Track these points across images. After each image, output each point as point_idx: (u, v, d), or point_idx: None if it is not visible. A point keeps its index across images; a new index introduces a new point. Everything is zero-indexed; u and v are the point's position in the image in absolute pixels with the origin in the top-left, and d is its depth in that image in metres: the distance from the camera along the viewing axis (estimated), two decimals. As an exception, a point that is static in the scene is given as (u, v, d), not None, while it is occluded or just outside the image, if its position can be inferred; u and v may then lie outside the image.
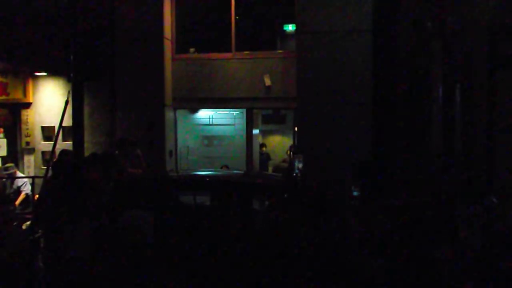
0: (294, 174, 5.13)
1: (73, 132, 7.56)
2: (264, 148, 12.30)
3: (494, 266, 4.34)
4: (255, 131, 10.82)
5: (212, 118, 10.80)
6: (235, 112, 10.62)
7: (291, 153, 9.21)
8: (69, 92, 6.39)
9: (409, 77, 8.67)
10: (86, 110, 8.88)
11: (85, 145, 8.31)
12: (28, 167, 10.24)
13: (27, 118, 10.27)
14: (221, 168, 9.44)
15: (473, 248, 4.45)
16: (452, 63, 8.32)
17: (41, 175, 9.07)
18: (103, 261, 2.88)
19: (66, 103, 7.14)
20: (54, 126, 10.02)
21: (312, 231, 3.15)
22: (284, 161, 11.80)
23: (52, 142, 9.21)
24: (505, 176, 7.77)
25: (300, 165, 7.08)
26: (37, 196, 7.78)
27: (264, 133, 13.59)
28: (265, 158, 12.08)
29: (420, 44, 8.48)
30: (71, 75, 7.22)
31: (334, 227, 3.38)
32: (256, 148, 10.90)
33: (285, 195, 3.76)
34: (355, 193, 4.74)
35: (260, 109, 10.81)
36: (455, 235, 4.54)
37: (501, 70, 8.14)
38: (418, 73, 8.54)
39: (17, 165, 9.65)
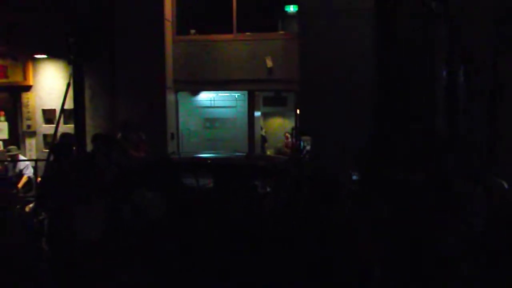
0: (301, 156, 5.11)
1: (74, 115, 7.55)
2: (261, 131, 12.27)
3: (494, 247, 4.35)
4: (257, 113, 10.78)
5: (214, 100, 10.74)
6: (236, 94, 10.55)
7: (295, 135, 9.18)
8: (70, 74, 6.32)
9: (412, 58, 8.59)
10: (87, 93, 8.85)
11: (86, 128, 8.32)
12: (30, 150, 10.21)
13: (27, 101, 10.20)
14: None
15: (475, 228, 4.45)
16: (456, 44, 8.24)
17: (42, 158, 9.06)
18: (115, 243, 2.88)
19: (68, 85, 7.10)
20: (55, 109, 9.97)
21: (317, 215, 3.15)
22: (286, 145, 11.77)
23: (53, 125, 9.23)
24: (506, 159, 7.76)
25: (308, 147, 7.06)
26: (39, 179, 7.79)
27: (265, 115, 13.54)
28: (263, 140, 12.06)
29: (424, 24, 8.38)
30: (71, 57, 7.18)
31: (338, 212, 3.37)
32: (257, 130, 10.87)
33: (291, 178, 3.75)
34: (354, 177, 4.73)
35: (261, 91, 10.75)
36: (456, 215, 4.54)
37: (505, 52, 8.07)
38: (422, 54, 8.46)
39: (18, 148, 9.63)
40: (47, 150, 8.69)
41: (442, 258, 4.23)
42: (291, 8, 10.02)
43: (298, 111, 9.79)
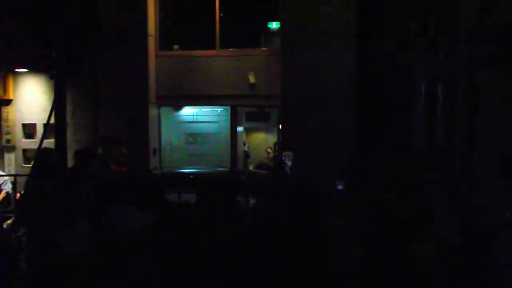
0: (283, 171, 5.15)
1: (56, 130, 7.48)
2: (244, 146, 12.31)
3: (471, 260, 4.43)
4: (240, 129, 10.81)
5: (196, 115, 10.76)
6: (219, 110, 10.60)
7: (279, 149, 9.24)
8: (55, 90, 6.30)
9: (392, 76, 8.76)
10: (69, 108, 8.79)
11: (68, 143, 8.24)
12: (9, 165, 10.06)
13: (7, 115, 10.08)
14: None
15: (453, 244, 4.54)
16: (434, 61, 8.43)
17: (22, 173, 8.92)
18: (98, 258, 2.86)
19: (54, 101, 7.06)
20: (35, 124, 9.86)
21: (298, 227, 3.18)
22: (267, 159, 11.80)
23: (33, 140, 9.11)
24: (485, 174, 7.90)
25: (290, 163, 7.11)
26: (18, 195, 7.67)
27: (248, 130, 13.60)
28: (245, 155, 12.09)
29: (403, 43, 8.57)
30: (53, 72, 7.15)
31: (318, 222, 3.40)
32: (240, 145, 10.90)
33: (273, 192, 3.78)
34: (339, 187, 4.81)
35: (244, 107, 10.81)
36: (433, 231, 4.63)
37: (481, 69, 8.27)
38: (401, 72, 8.63)
39: (-3, 163, 9.49)
40: (27, 165, 8.57)
41: (416, 267, 4.30)
42: (274, 25, 10.15)
43: (280, 127, 9.86)
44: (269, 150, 12.00)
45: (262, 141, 13.67)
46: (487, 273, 4.03)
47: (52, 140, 7.89)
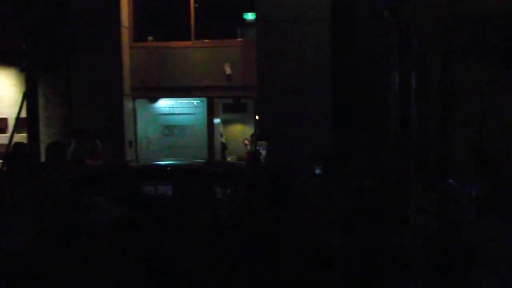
0: (258, 161, 5.16)
1: (28, 124, 7.34)
2: (221, 138, 12.28)
3: (447, 249, 4.52)
4: (216, 120, 10.77)
5: (173, 107, 10.67)
6: (195, 101, 10.52)
7: (254, 140, 9.26)
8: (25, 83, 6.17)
9: (367, 64, 8.84)
10: (41, 101, 8.61)
11: (41, 137, 8.09)
12: (-20, 160, 9.82)
13: (-23, 110, 9.83)
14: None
15: (428, 232, 4.62)
16: (408, 52, 8.53)
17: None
18: (48, 253, 2.77)
19: (25, 94, 6.91)
20: (6, 118, 9.63)
21: (275, 216, 3.19)
22: (247, 152, 11.81)
23: (5, 135, 8.90)
24: (458, 162, 8.07)
25: (264, 152, 7.12)
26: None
27: (225, 122, 13.54)
28: (222, 147, 12.07)
29: (378, 32, 8.64)
30: (24, 65, 6.99)
31: (296, 210, 3.42)
32: (217, 137, 10.87)
33: (249, 183, 3.79)
34: (317, 171, 4.86)
35: (220, 98, 10.76)
36: (408, 221, 4.71)
37: (453, 59, 8.41)
38: (376, 61, 8.71)
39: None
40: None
41: (395, 256, 4.36)
42: (249, 16, 10.11)
43: (257, 118, 9.86)
44: (246, 141, 12.00)
45: (239, 133, 13.64)
46: (458, 257, 4.11)
47: (25, 134, 7.74)
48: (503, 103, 8.09)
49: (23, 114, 7.96)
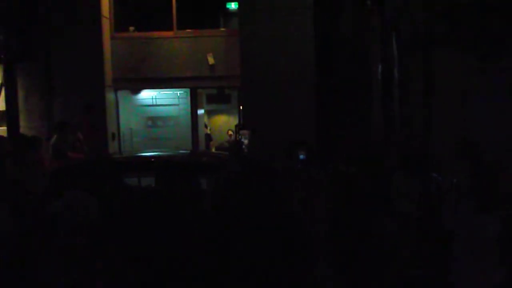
0: (241, 150, 5.14)
1: (8, 117, 7.22)
2: (206, 129, 12.23)
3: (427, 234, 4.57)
4: (200, 111, 10.70)
5: (156, 98, 10.56)
6: (179, 92, 10.44)
7: (238, 129, 9.23)
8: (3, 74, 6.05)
9: (351, 54, 8.85)
10: (21, 94, 8.47)
11: (21, 130, 7.96)
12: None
13: (-46, 103, 9.61)
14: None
15: (411, 218, 4.68)
16: (390, 40, 8.55)
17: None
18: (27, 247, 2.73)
19: (1, 86, 6.78)
20: (-15, 111, 9.44)
21: (259, 205, 3.18)
22: (228, 141, 11.79)
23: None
24: (440, 151, 8.16)
25: (246, 141, 7.11)
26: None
27: (209, 113, 13.48)
28: (207, 138, 12.03)
29: (361, 22, 8.65)
30: (1, 56, 6.85)
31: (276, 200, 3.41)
32: (201, 128, 10.80)
33: (233, 172, 3.77)
34: (301, 157, 4.88)
35: (204, 89, 10.69)
36: (391, 207, 4.76)
37: (436, 48, 8.46)
38: (360, 51, 8.73)
39: None
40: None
41: (379, 241, 4.41)
42: (232, 5, 10.02)
43: (241, 108, 9.82)
44: (230, 132, 11.97)
45: (224, 123, 13.59)
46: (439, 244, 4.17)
47: (5, 128, 7.61)
48: (483, 92, 8.19)
49: (2, 107, 7.83)
